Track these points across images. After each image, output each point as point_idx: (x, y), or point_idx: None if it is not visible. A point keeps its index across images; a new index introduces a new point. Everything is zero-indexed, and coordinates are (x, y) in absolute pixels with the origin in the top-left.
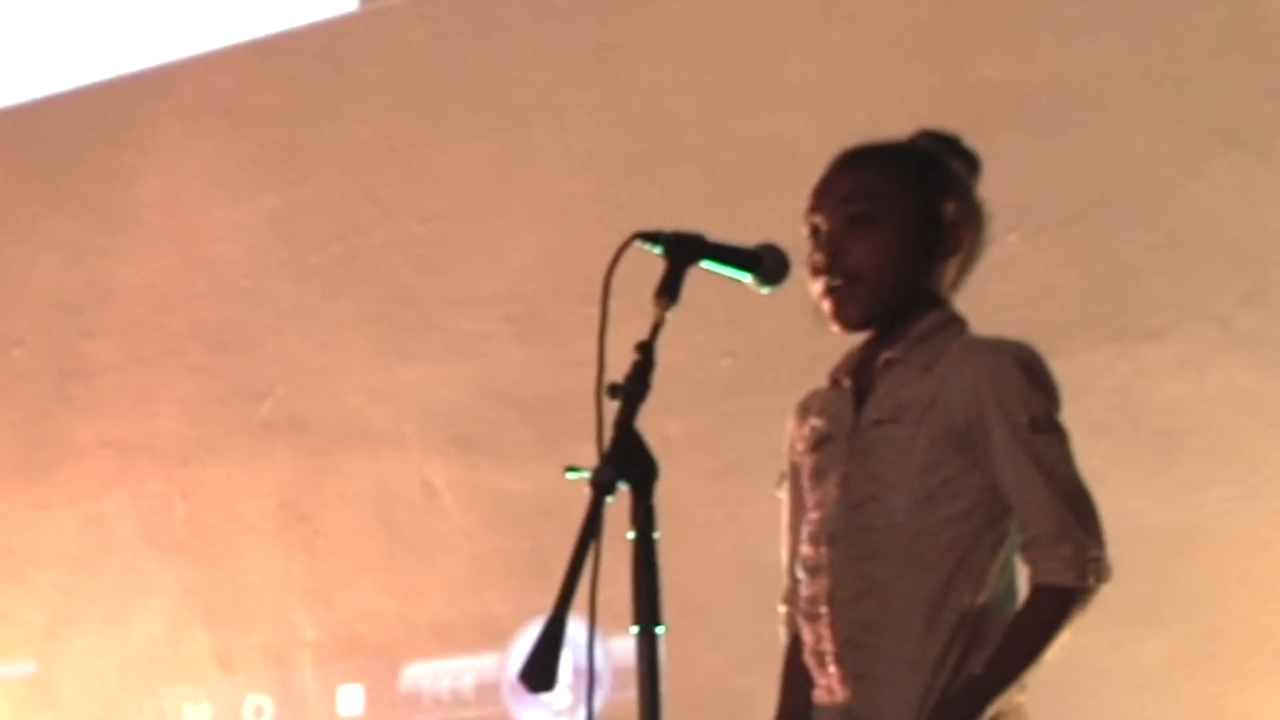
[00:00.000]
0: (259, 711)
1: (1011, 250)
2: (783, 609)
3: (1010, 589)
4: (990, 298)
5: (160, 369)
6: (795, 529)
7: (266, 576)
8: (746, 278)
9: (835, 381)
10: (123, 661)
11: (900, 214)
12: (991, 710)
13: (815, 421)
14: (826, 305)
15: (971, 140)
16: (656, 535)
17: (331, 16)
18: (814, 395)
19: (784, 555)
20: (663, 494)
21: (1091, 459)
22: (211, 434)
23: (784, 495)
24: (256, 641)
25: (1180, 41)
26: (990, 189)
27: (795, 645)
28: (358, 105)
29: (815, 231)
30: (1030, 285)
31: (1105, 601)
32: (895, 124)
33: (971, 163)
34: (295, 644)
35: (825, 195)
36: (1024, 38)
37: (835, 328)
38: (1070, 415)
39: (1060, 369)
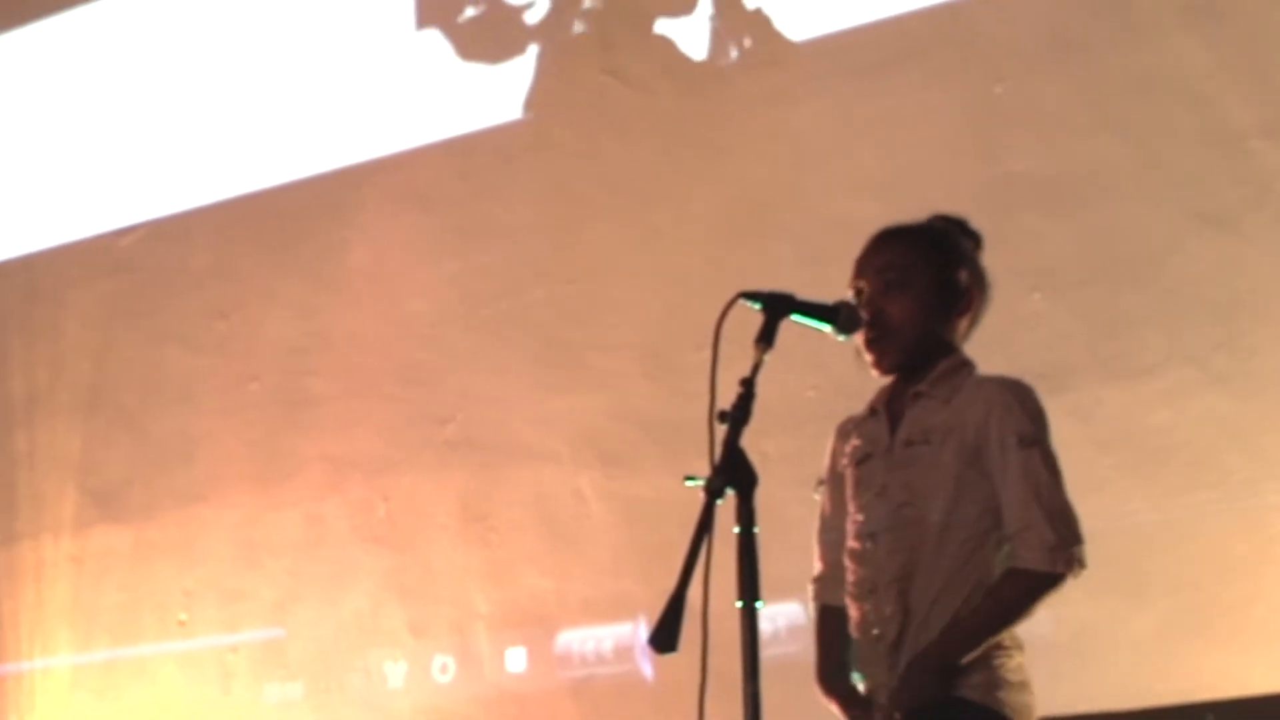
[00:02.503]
0: (444, 669)
1: (1034, 306)
2: (812, 587)
3: None
4: (1017, 343)
5: (366, 400)
6: (828, 526)
7: (449, 563)
8: (826, 328)
9: (873, 410)
10: (337, 630)
11: (923, 280)
12: (960, 658)
13: (856, 441)
14: (868, 355)
15: (999, 219)
16: (756, 530)
17: (502, 122)
18: (850, 420)
19: (816, 545)
20: (760, 498)
21: (1097, 470)
22: (406, 451)
23: (820, 497)
24: (442, 614)
25: (1167, 141)
26: (1015, 258)
27: (826, 615)
28: (521, 191)
29: (859, 293)
30: (1049, 334)
31: (1107, 583)
32: (942, 207)
33: (976, 239)
34: (472, 615)
35: (865, 265)
36: (1043, 139)
37: (874, 373)
38: (1079, 436)
39: (1072, 400)
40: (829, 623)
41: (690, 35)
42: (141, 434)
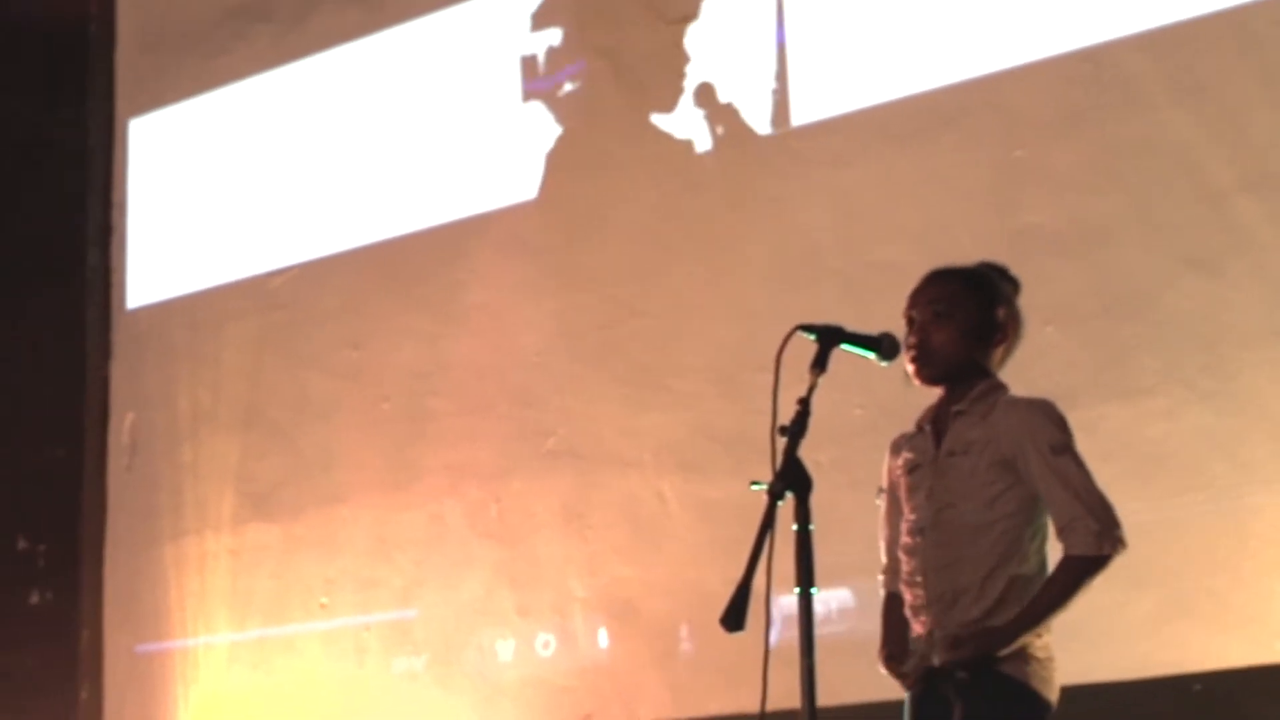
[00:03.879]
0: (546, 645)
1: (1049, 338)
2: (881, 577)
3: (1042, 565)
4: (1036, 368)
5: (480, 417)
6: (891, 525)
7: (551, 555)
8: (871, 355)
9: (920, 427)
10: (455, 612)
11: (965, 313)
12: (1024, 637)
13: (907, 454)
14: (910, 366)
15: (1018, 264)
16: (811, 527)
17: (594, 180)
18: (903, 436)
19: (881, 542)
20: (815, 500)
21: (1101, 477)
22: (515, 460)
23: (881, 503)
24: (545, 598)
25: (1160, 197)
26: (1031, 296)
27: (891, 599)
28: (611, 240)
29: (910, 322)
30: (1060, 360)
31: (1110, 573)
32: (970, 254)
33: (1015, 284)
34: (570, 600)
35: (917, 298)
36: (1055, 195)
37: (916, 383)
38: (1085, 447)
39: (1079, 417)
40: (892, 607)
41: (755, 105)
42: (289, 446)
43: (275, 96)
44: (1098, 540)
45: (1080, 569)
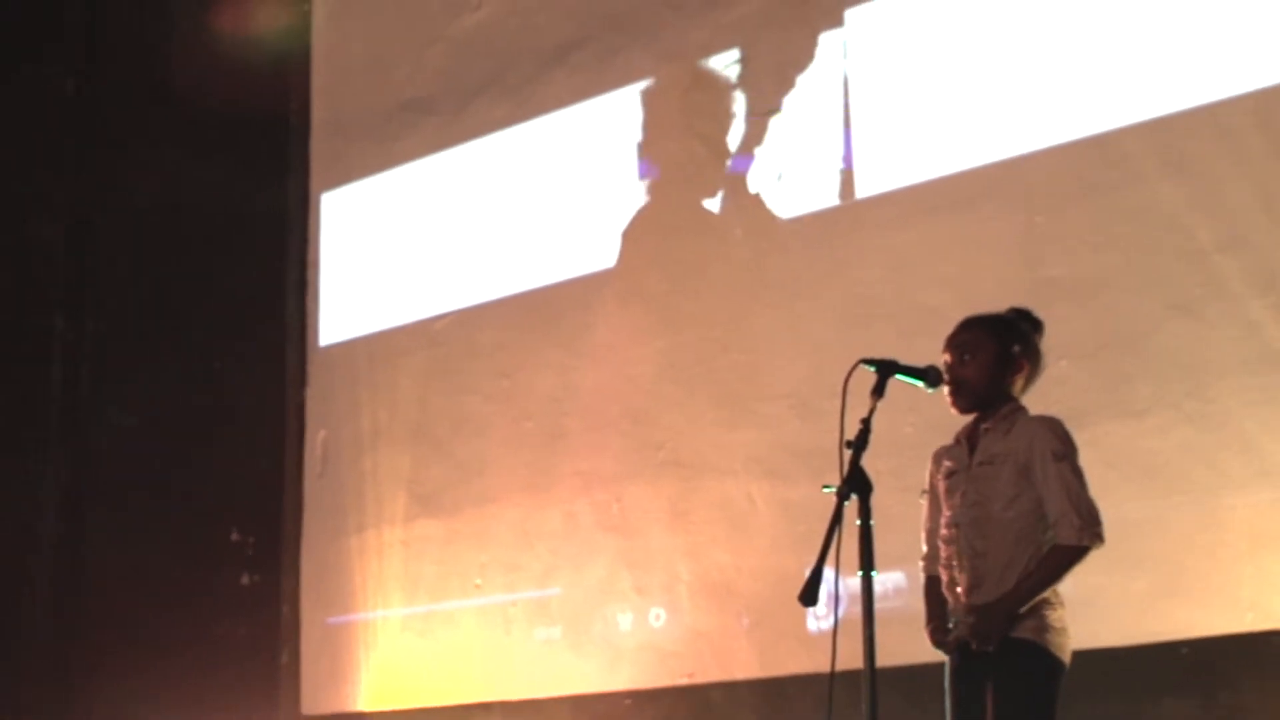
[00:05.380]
0: (657, 618)
1: (1064, 370)
2: (922, 563)
3: None
4: (1053, 394)
5: (605, 434)
6: (932, 519)
7: (661, 545)
8: (919, 384)
9: (957, 440)
10: (585, 590)
11: (986, 353)
12: (1020, 608)
13: (946, 462)
14: (950, 400)
15: (1038, 310)
16: (871, 523)
17: (690, 239)
18: (943, 448)
19: (923, 534)
20: (875, 501)
21: (1106, 481)
22: (632, 468)
23: (924, 502)
24: (657, 580)
25: (1153, 254)
26: (1051, 336)
27: (931, 581)
28: (708, 290)
29: (947, 362)
30: (1074, 387)
31: (1111, 559)
32: (1000, 301)
33: (1036, 324)
34: (678, 581)
35: (950, 343)
36: (1068, 253)
37: (954, 411)
38: (1093, 458)
39: (1088, 434)
40: (932, 588)
41: (826, 181)
42: (450, 456)
43: (440, 174)
44: (1079, 534)
45: (1064, 556)
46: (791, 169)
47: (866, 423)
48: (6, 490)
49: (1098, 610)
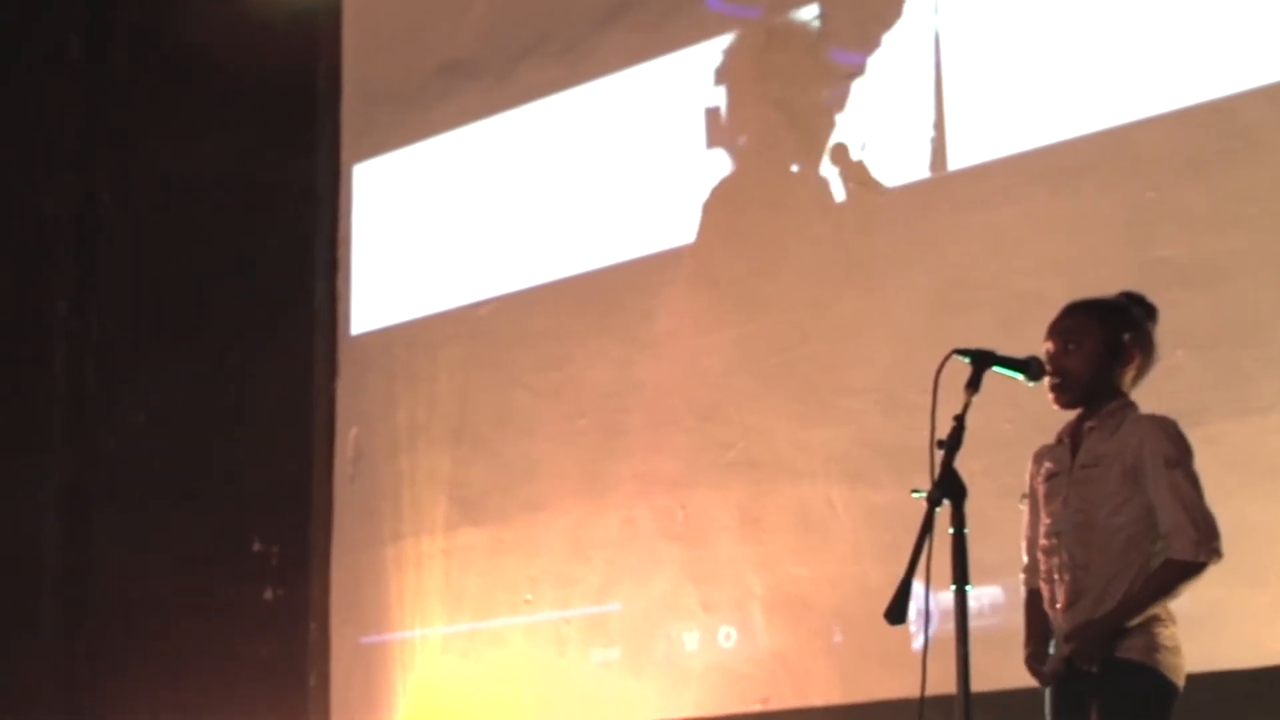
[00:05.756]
0: (727, 637)
1: (1179, 361)
2: (1022, 576)
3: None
4: (1167, 389)
5: (667, 432)
6: (1033, 527)
7: (731, 555)
8: (1019, 376)
9: (1059, 440)
10: (646, 606)
11: (1093, 341)
12: (1125, 625)
13: (1047, 464)
14: (1050, 395)
15: (1151, 294)
16: (965, 531)
17: (770, 218)
18: (1045, 447)
19: (1023, 543)
20: (969, 506)
21: (1225, 484)
22: (699, 470)
23: (1024, 508)
24: (726, 595)
25: (1276, 232)
26: (1163, 324)
27: (1032, 596)
28: (788, 271)
29: (1049, 352)
30: (1190, 382)
31: (1231, 570)
32: (1108, 287)
33: (1149, 310)
34: (749, 596)
35: (1053, 330)
36: (1183, 231)
37: (1056, 406)
38: (1211, 458)
39: (1206, 432)
40: (1033, 603)
41: (916, 151)
42: (495, 457)
43: (484, 145)
44: (1195, 548)
45: (1177, 572)
46: (877, 138)
47: (960, 419)
48: (5, 495)
49: (1215, 627)
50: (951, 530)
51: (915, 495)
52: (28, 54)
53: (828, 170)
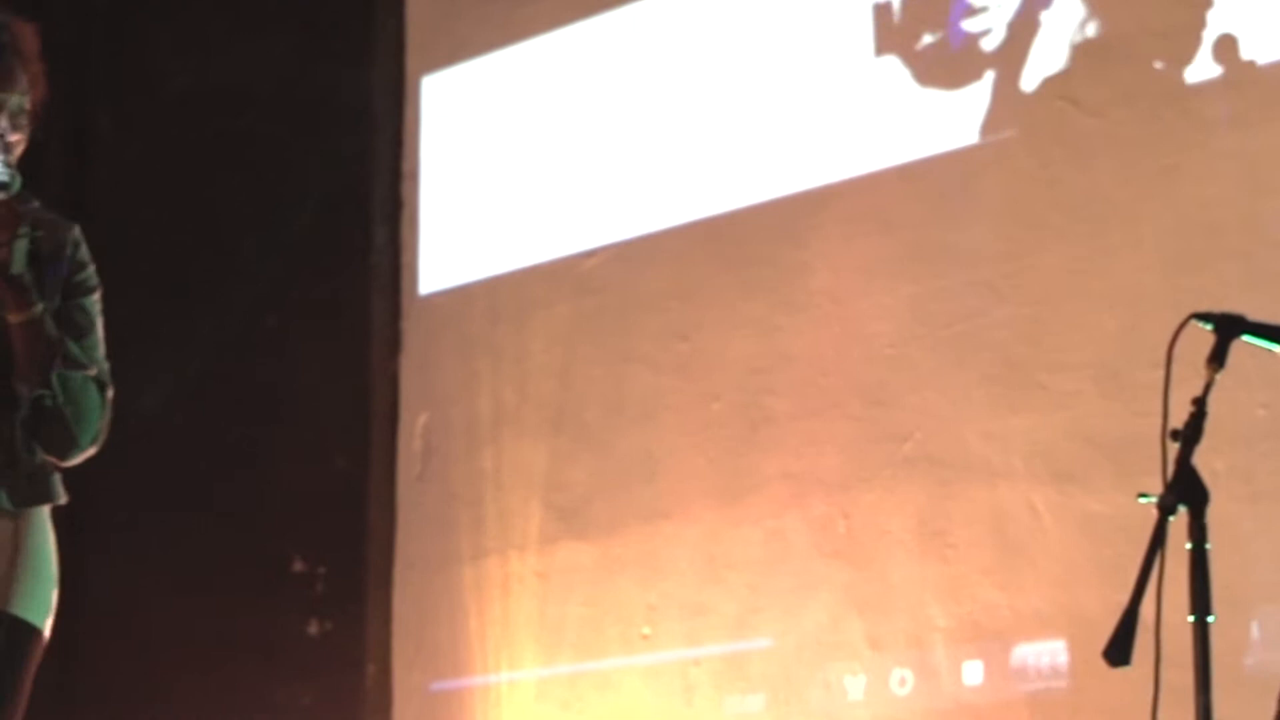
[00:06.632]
0: (902, 682)
1: None
2: None
3: None
4: None
5: (826, 419)
6: None
7: (907, 577)
8: (1278, 349)
9: None
10: (797, 643)
11: None
12: None
13: None
14: None
15: None
16: (1207, 546)
17: (960, 147)
18: None
19: None
20: (1211, 514)
21: None
22: (865, 468)
23: None
24: (900, 627)
25: None
26: None
27: None
28: (979, 216)
29: None
30: None
31: None
32: None
33: None
34: (930, 629)
35: None
36: None
37: None
38: None
39: None
40: None
41: (1145, 60)
42: (605, 451)
43: (591, 50)
44: None
45: None
46: (1091, 40)
47: (1201, 403)
48: None
49: None
50: (1189, 545)
51: (1143, 501)
52: None
53: (1029, 82)
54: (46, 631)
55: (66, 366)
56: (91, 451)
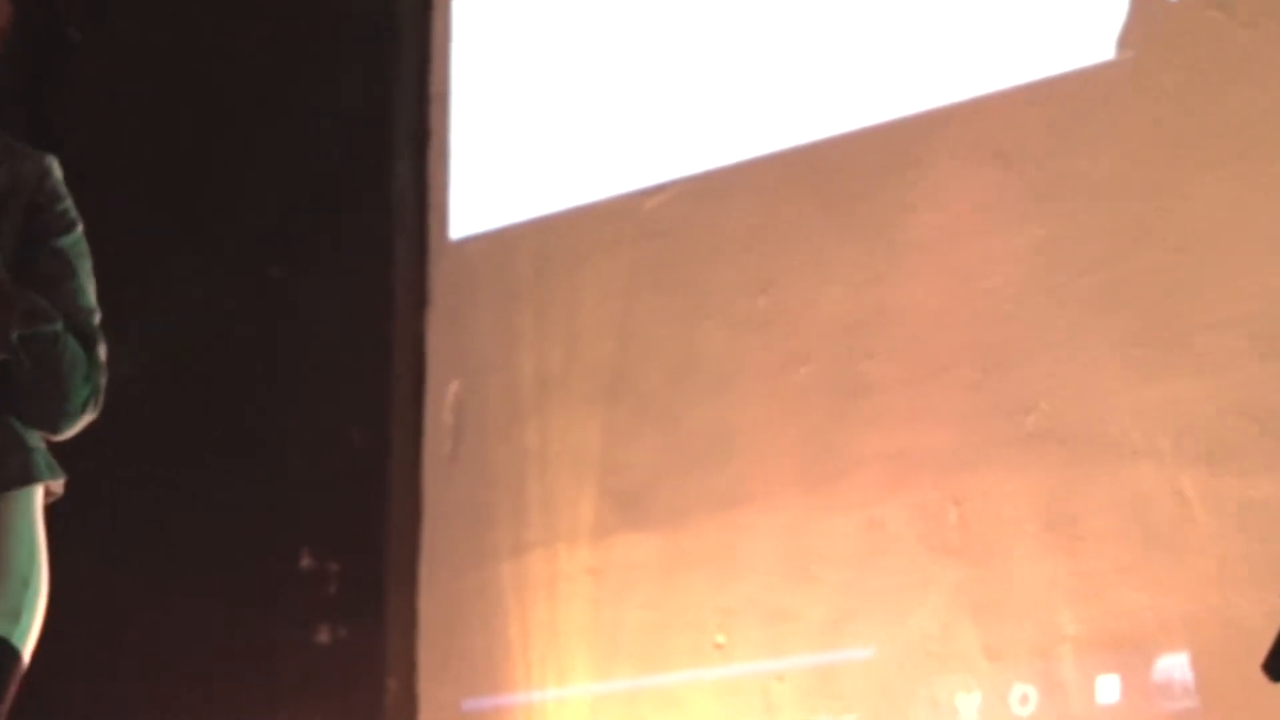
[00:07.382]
0: (1024, 700)
1: None
2: None
3: None
4: None
5: (935, 386)
6: None
7: (1031, 576)
8: None
9: None
10: (899, 654)
11: None
12: None
13: None
14: None
15: None
16: None
17: (1093, 64)
18: None
19: None
20: None
21: None
22: (981, 446)
23: None
24: (1022, 636)
25: None
26: None
27: None
28: (1115, 144)
29: None
30: None
31: None
32: None
33: None
34: (1057, 638)
35: None
36: None
37: None
38: None
39: None
40: None
41: None
42: (671, 426)
43: None
44: None
45: None
46: None
47: None
48: None
49: None
50: None
51: None
52: None
53: None
54: (25, 649)
55: (30, 324)
56: (87, 418)
